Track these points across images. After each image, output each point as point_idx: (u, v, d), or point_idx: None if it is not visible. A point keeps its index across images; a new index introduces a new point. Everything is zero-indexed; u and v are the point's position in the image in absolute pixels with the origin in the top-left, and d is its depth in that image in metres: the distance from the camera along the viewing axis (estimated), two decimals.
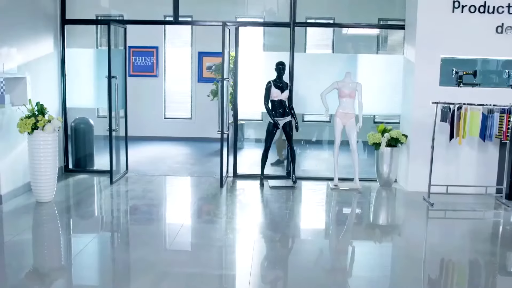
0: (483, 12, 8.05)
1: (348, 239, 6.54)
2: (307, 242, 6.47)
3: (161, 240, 6.16)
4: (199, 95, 12.83)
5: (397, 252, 6.24)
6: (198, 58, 13.01)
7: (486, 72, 8.53)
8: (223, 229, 6.43)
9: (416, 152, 8.29)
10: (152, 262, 5.29)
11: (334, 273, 5.45)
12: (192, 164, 10.20)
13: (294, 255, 5.97)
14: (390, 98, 9.01)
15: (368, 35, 12.79)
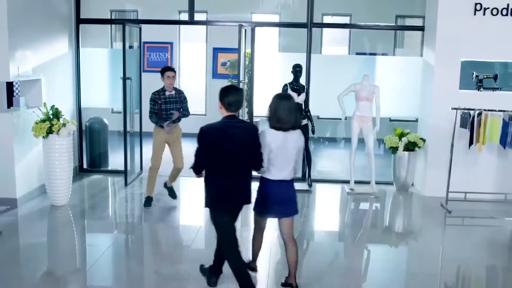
0: (506, 15, 7.86)
1: (364, 243, 6.51)
2: (322, 244, 6.43)
3: (178, 249, 6.11)
4: (213, 92, 12.72)
5: (413, 258, 6.21)
6: (213, 54, 12.91)
7: (507, 76, 8.36)
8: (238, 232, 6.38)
9: (434, 157, 8.16)
10: (167, 275, 5.26)
11: (349, 276, 5.46)
12: None
13: (309, 257, 5.95)
14: (408, 101, 8.87)
15: (385, 32, 12.61)
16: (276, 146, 4.54)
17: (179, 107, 7.16)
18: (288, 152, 4.58)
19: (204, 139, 4.46)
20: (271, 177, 4.63)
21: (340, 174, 9.32)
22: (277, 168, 4.60)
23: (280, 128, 4.52)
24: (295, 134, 4.60)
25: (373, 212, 7.86)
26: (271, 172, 4.62)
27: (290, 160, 4.61)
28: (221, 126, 4.51)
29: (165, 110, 7.05)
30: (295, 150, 4.61)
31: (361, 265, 5.86)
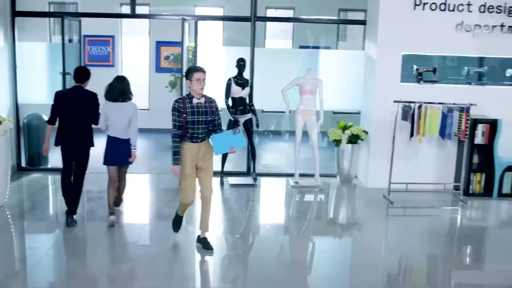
0: (444, 10, 8.06)
1: (309, 236, 6.57)
2: (267, 238, 6.45)
3: (122, 248, 6.01)
4: (156, 86, 12.56)
5: (357, 249, 6.31)
6: (156, 47, 12.72)
7: (446, 69, 8.57)
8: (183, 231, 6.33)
9: (376, 149, 8.30)
10: (111, 275, 5.16)
11: (294, 269, 5.51)
12: (151, 159, 9.99)
13: (255, 251, 5.97)
14: (351, 94, 8.99)
15: (328, 26, 12.72)
16: (110, 113, 6.29)
17: (210, 120, 5.53)
18: (119, 117, 6.29)
19: (56, 99, 6.26)
20: (110, 134, 6.38)
21: (285, 167, 9.36)
22: (113, 128, 6.33)
23: (111, 100, 6.31)
24: (124, 105, 6.33)
25: (318, 205, 7.94)
26: (110, 131, 6.37)
27: (122, 123, 6.30)
28: (68, 91, 6.63)
29: (192, 124, 5.43)
30: (126, 116, 6.30)
31: (306, 257, 5.91)
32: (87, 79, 6.35)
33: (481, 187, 8.15)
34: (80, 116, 6.24)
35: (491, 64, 8.70)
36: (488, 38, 8.17)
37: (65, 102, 6.25)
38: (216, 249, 5.71)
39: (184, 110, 5.39)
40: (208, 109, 5.49)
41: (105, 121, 6.35)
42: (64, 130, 6.25)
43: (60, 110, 6.23)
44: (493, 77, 8.62)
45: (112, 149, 6.39)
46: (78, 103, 6.23)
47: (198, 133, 5.50)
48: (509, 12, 8.15)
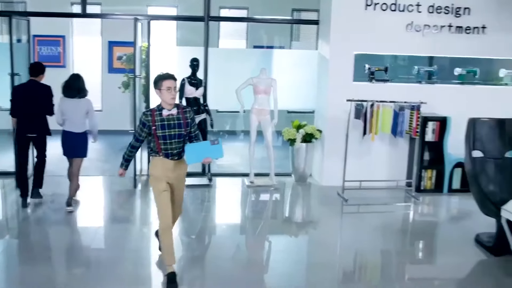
0: (394, 10, 8.21)
1: (265, 235, 6.59)
2: (223, 238, 6.45)
3: (75, 252, 5.90)
4: (109, 86, 12.38)
5: (313, 247, 6.36)
6: (109, 48, 12.53)
7: (397, 68, 8.73)
8: (137, 234, 6.26)
9: (330, 147, 8.39)
10: (63, 281, 5.06)
11: (251, 268, 5.52)
12: (104, 161, 9.84)
13: (211, 252, 5.96)
14: (305, 94, 9.05)
15: (282, 25, 12.79)
16: (66, 108, 6.76)
17: (185, 133, 4.91)
18: (76, 112, 6.79)
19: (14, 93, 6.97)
20: (65, 129, 6.84)
21: (240, 167, 9.36)
22: (70, 123, 6.81)
23: (68, 96, 6.78)
24: (80, 101, 6.81)
25: (273, 204, 7.98)
26: (66, 126, 6.83)
27: (78, 118, 6.81)
28: (24, 85, 7.06)
29: (163, 138, 4.82)
30: (82, 112, 6.81)
31: (263, 256, 5.93)
32: (41, 73, 6.95)
33: (432, 183, 8.35)
34: (36, 107, 6.85)
35: (440, 63, 8.93)
36: (437, 38, 8.36)
37: (22, 94, 6.88)
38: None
39: (152, 123, 4.79)
40: (181, 120, 4.85)
41: (61, 116, 6.83)
42: (22, 121, 6.88)
43: (17, 102, 6.86)
44: (442, 75, 8.84)
45: (68, 143, 6.89)
46: (33, 95, 6.83)
47: (173, 149, 4.87)
48: (457, 13, 8.36)
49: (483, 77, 9.03)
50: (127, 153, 5.11)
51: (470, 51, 8.53)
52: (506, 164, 6.27)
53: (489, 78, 9.22)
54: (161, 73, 4.94)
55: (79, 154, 7.03)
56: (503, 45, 8.51)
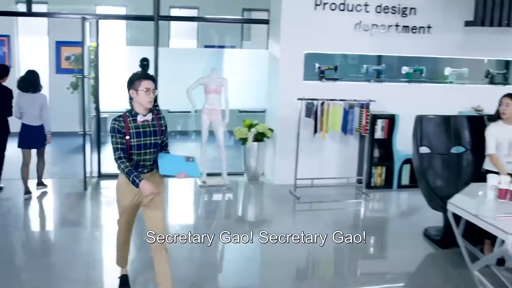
0: (343, 10, 8.32)
1: (218, 234, 6.57)
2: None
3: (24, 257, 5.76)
4: (57, 87, 12.10)
5: (266, 245, 6.36)
6: (56, 47, 12.26)
7: (346, 67, 8.86)
8: (88, 237, 6.15)
9: (282, 146, 8.44)
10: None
11: (205, 268, 5.51)
12: (52, 164, 9.59)
13: None
14: (256, 93, 9.08)
15: (233, 25, 12.78)
16: (23, 102, 7.29)
17: (159, 142, 4.30)
18: (32, 106, 7.29)
19: None
20: (24, 121, 7.36)
21: None
22: (27, 116, 7.33)
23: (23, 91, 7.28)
24: (36, 95, 7.32)
25: (226, 203, 7.98)
26: (24, 119, 7.36)
27: (34, 111, 7.31)
28: None
29: (137, 148, 4.18)
30: (37, 106, 7.30)
31: (216, 256, 5.92)
32: (5, 75, 7.42)
33: (382, 180, 8.51)
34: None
35: (388, 62, 9.12)
36: (384, 37, 8.52)
37: None
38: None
39: (126, 131, 4.13)
40: (157, 128, 4.25)
41: (18, 110, 7.36)
42: None
43: None
44: (390, 74, 9.02)
45: (27, 135, 7.37)
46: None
47: (146, 160, 4.24)
48: (403, 13, 8.54)
49: (430, 75, 9.28)
50: (125, 166, 4.10)
51: (417, 50, 8.74)
52: (452, 160, 6.46)
53: (435, 76, 9.47)
54: (138, 71, 4.41)
55: (37, 145, 7.51)
56: (448, 44, 8.74)
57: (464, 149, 6.51)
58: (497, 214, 4.27)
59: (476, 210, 4.46)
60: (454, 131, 6.54)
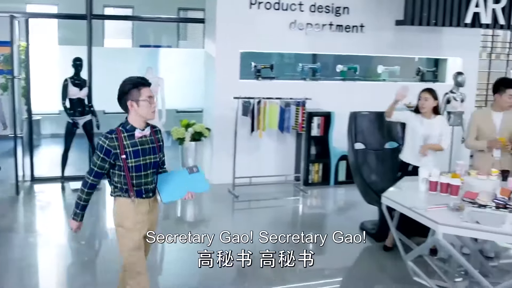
0: (278, 9, 8.38)
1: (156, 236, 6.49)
2: (115, 242, 6.27)
3: None
4: None
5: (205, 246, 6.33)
6: None
7: (282, 66, 8.94)
8: (22, 243, 5.96)
9: (220, 145, 8.42)
10: None
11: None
12: None
13: (102, 257, 5.81)
14: (193, 92, 9.04)
15: (168, 25, 12.66)
16: None
17: (159, 161, 3.84)
18: None
19: None
20: None
21: None
22: None
23: None
24: None
25: (165, 204, 7.87)
26: None
27: None
28: None
29: (137, 170, 3.65)
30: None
31: (156, 257, 5.85)
32: None
33: (319, 177, 8.64)
34: None
35: (323, 61, 9.26)
36: (319, 36, 8.64)
37: None
38: (61, 258, 5.47)
39: (121, 150, 3.56)
40: (155, 143, 3.72)
41: None
42: None
43: None
44: (325, 72, 9.17)
45: None
46: None
47: (148, 183, 3.71)
48: (337, 12, 8.69)
49: (363, 73, 9.49)
50: (84, 197, 3.70)
51: (350, 48, 8.91)
52: (386, 155, 6.63)
53: (369, 74, 9.70)
54: (131, 77, 3.79)
55: None
56: (380, 42, 8.96)
57: (397, 144, 6.69)
58: (428, 206, 4.40)
59: (408, 202, 4.58)
60: (387, 127, 6.71)
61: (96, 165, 3.60)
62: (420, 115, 5.69)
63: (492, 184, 4.82)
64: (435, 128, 5.61)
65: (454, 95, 8.33)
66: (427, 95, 5.64)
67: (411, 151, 5.69)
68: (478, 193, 4.57)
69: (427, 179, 4.86)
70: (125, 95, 3.68)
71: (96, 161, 3.60)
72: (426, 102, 5.62)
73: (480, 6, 8.57)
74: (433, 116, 5.67)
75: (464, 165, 5.28)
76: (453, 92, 8.36)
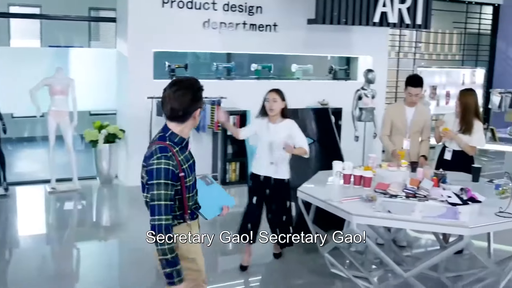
0: (191, 8, 8.32)
1: (72, 243, 6.32)
2: (28, 251, 6.03)
3: None
4: None
5: (123, 249, 6.23)
6: None
7: (197, 65, 8.89)
8: None
9: (135, 146, 8.21)
10: None
11: (61, 279, 5.27)
12: None
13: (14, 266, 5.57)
14: (106, 93, 8.80)
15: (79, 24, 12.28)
16: None
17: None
18: None
19: None
20: None
21: (40, 173, 8.78)
22: None
23: None
24: None
25: (79, 210, 7.67)
26: None
27: None
28: None
29: (192, 189, 3.21)
30: None
31: (72, 265, 5.71)
32: None
33: (236, 175, 8.65)
34: None
35: (238, 60, 9.29)
36: (233, 35, 8.66)
37: None
38: None
39: (179, 168, 3.04)
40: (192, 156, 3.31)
41: None
42: None
43: None
44: (240, 71, 9.20)
45: None
46: None
47: (196, 203, 3.27)
48: (250, 11, 8.75)
49: (278, 72, 9.61)
50: (170, 248, 2.93)
51: (264, 47, 8.99)
52: None
53: (283, 73, 9.83)
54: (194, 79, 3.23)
55: None
56: (293, 41, 9.10)
57: (311, 140, 6.78)
58: (342, 198, 4.49)
59: (323, 195, 4.66)
60: (302, 124, 6.78)
61: (161, 197, 2.92)
62: (266, 120, 5.24)
63: (402, 175, 5.00)
64: (280, 133, 5.15)
65: (365, 91, 8.55)
66: (275, 95, 5.16)
67: (258, 161, 5.37)
68: (390, 184, 4.72)
69: (341, 173, 4.96)
70: (197, 102, 3.12)
71: (161, 192, 2.92)
72: (275, 104, 5.13)
73: (387, 6, 8.90)
74: (280, 120, 5.22)
75: (376, 158, 5.46)
76: (364, 88, 8.58)
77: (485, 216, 4.28)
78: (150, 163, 2.95)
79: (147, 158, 3.03)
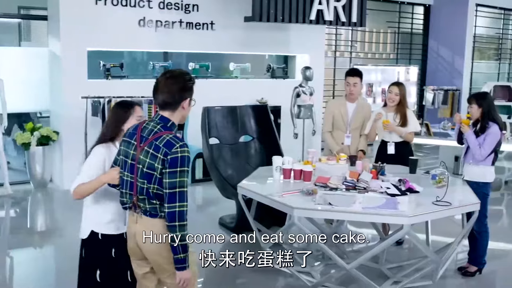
0: (126, 6, 8.14)
1: (5, 251, 6.04)
2: None
3: None
4: None
5: (60, 254, 6.02)
6: None
7: (133, 64, 8.71)
8: None
9: (70, 148, 7.96)
10: None
11: None
12: None
13: None
14: (39, 94, 8.49)
15: (8, 24, 11.84)
16: None
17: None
18: None
19: None
20: None
21: None
22: None
23: None
24: None
25: (12, 216, 7.36)
26: None
27: None
28: None
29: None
30: None
31: (5, 274, 5.46)
32: None
33: None
34: None
35: (175, 59, 9.18)
36: (169, 34, 8.54)
37: None
38: None
39: None
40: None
41: None
42: None
43: None
44: None
45: None
46: None
47: None
48: (186, 9, 8.65)
49: (216, 71, 9.53)
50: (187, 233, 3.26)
51: (201, 46, 8.91)
52: (240, 149, 6.69)
53: (221, 72, 9.77)
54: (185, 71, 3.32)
55: None
56: (230, 40, 9.06)
57: (251, 137, 6.76)
58: (283, 192, 4.47)
59: (263, 190, 4.63)
60: (241, 121, 6.76)
61: (184, 184, 3.05)
62: None
63: (341, 168, 5.03)
64: None
65: (303, 89, 8.58)
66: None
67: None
68: (330, 178, 4.73)
69: (281, 167, 4.94)
70: (185, 92, 3.17)
71: (184, 179, 3.05)
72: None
73: (323, 4, 8.98)
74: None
75: (316, 152, 5.47)
76: (302, 86, 8.62)
77: (423, 205, 4.34)
78: (174, 151, 3.00)
79: (167, 147, 3.02)
